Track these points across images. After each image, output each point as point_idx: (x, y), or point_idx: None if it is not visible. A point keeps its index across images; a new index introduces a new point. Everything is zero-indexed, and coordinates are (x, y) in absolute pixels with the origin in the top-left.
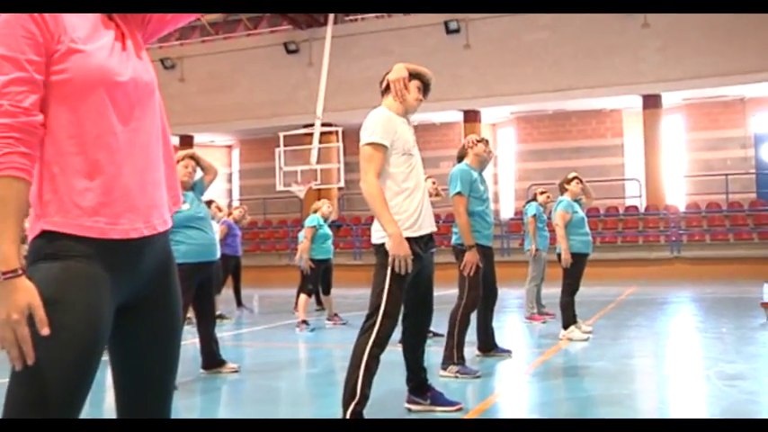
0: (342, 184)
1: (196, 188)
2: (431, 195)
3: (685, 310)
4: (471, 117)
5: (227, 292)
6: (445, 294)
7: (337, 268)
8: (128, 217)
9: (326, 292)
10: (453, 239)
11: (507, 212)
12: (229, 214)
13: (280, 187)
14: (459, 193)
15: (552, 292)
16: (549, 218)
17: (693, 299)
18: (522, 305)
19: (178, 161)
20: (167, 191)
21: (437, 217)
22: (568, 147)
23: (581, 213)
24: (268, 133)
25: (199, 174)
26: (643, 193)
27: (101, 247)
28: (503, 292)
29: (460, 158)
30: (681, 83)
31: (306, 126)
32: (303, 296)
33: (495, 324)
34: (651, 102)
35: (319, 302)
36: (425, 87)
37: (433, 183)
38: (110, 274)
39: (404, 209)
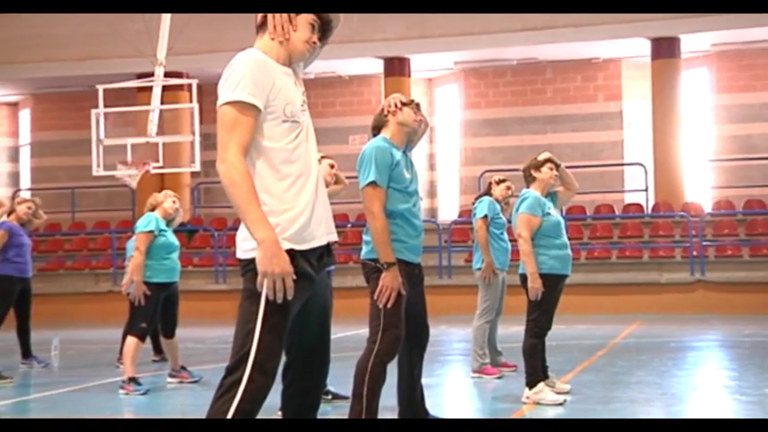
0: (197, 167)
1: None
2: (329, 185)
3: (711, 359)
4: (395, 68)
5: (7, 335)
6: (350, 336)
7: (188, 296)
8: None
9: (169, 334)
10: (363, 253)
11: (448, 213)
12: (11, 212)
13: (98, 171)
14: (372, 183)
15: (514, 331)
16: (510, 221)
17: (723, 343)
18: (469, 352)
19: None
20: None
21: (340, 218)
22: (540, 115)
23: (556, 216)
24: (79, 85)
25: None
26: (650, 185)
27: None
28: (438, 331)
29: (377, 130)
30: (709, 20)
31: (140, 77)
32: (132, 339)
33: (425, 380)
34: (664, 48)
35: (158, 349)
36: (324, 27)
37: (332, 166)
38: None
39: (285, 205)
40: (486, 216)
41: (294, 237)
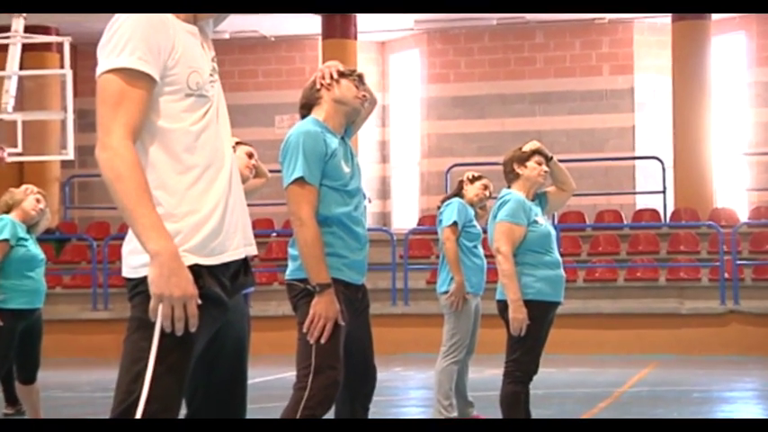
0: (70, 154)
1: None
2: (247, 179)
3: (747, 415)
4: (337, 27)
5: None
6: (272, 381)
7: (56, 327)
8: None
9: (28, 378)
10: (289, 271)
11: (404, 219)
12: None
13: None
14: (300, 180)
15: (489, 376)
16: (487, 231)
17: (764, 393)
18: (431, 402)
19: None
20: None
21: (261, 225)
22: (527, 92)
23: (545, 225)
24: None
25: None
26: (669, 187)
27: None
28: (390, 375)
29: (307, 109)
30: None
31: None
32: None
33: None
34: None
35: (12, 399)
36: None
37: (250, 155)
38: None
39: (187, 206)
40: (455, 224)
41: (200, 248)
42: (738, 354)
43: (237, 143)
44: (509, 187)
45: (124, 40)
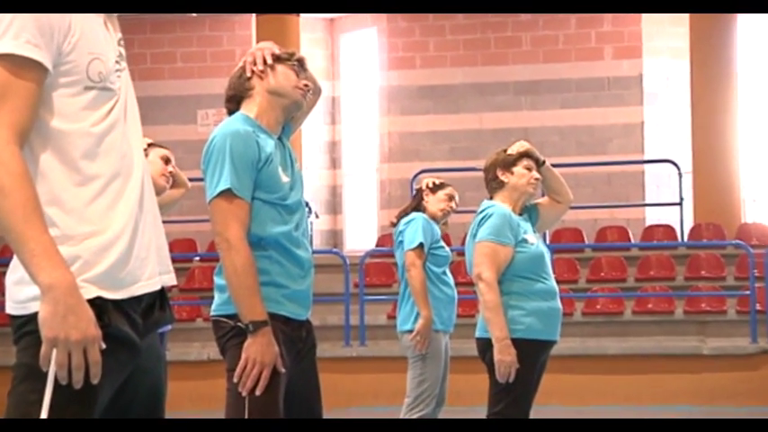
0: None
1: None
2: (162, 190)
3: None
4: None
5: None
6: None
7: None
8: None
9: None
10: (216, 305)
11: (360, 239)
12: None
13: None
14: (226, 193)
15: None
16: (462, 252)
17: None
18: None
19: None
20: None
21: (181, 247)
22: (511, 80)
23: (536, 244)
24: None
25: None
26: (687, 197)
27: None
28: None
29: (236, 102)
30: None
31: None
32: None
33: None
34: None
35: None
36: None
37: (166, 160)
38: None
39: (89, 226)
40: (421, 246)
41: (104, 278)
42: None
43: (150, 145)
44: (491, 198)
45: (7, 19)
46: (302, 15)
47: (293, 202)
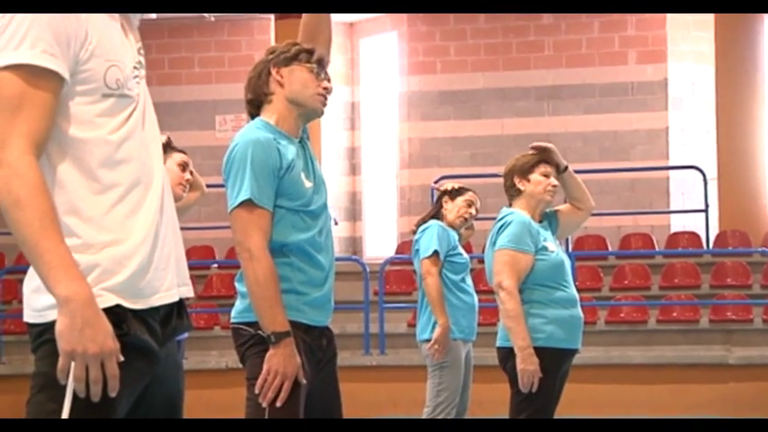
0: None
1: None
2: (179, 198)
3: None
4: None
5: None
6: None
7: None
8: None
9: None
10: (235, 312)
11: (379, 246)
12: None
13: None
14: (247, 203)
15: None
16: (482, 259)
17: None
18: None
19: None
20: None
21: (198, 254)
22: (533, 85)
23: (557, 252)
24: None
25: None
26: (712, 204)
27: None
28: None
29: (255, 108)
30: None
31: None
32: None
33: None
34: None
35: None
36: None
37: (184, 165)
38: None
39: (107, 235)
40: (436, 253)
41: (124, 288)
42: None
43: (166, 144)
44: (510, 205)
45: (24, 28)
46: None
47: (317, 206)
